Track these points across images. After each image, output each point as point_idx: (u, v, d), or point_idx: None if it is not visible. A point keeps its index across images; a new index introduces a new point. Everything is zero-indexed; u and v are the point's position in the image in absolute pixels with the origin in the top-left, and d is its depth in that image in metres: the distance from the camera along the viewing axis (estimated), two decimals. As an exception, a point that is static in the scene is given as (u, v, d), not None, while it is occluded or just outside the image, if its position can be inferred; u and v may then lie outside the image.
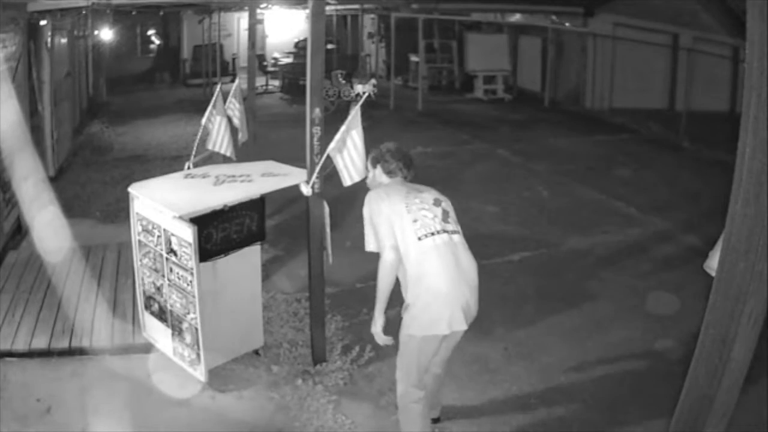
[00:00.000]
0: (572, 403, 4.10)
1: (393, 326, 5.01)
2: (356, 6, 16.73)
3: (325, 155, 4.02)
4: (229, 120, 5.39)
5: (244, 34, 13.44)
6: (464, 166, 9.68)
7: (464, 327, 3.23)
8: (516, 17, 17.01)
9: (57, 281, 5.23)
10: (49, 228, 5.97)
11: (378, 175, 3.57)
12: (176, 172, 4.83)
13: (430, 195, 3.40)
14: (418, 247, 3.18)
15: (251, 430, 3.82)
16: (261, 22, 17.58)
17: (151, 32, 19.96)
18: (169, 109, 14.28)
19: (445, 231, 3.25)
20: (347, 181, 4.03)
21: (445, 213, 3.35)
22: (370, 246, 3.38)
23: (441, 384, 3.72)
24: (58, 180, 8.47)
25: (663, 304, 5.28)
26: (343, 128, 3.93)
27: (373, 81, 12.04)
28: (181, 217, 3.93)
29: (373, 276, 5.79)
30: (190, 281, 3.98)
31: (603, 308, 5.36)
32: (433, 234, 3.21)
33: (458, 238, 3.30)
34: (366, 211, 3.37)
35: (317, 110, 4.10)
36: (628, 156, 10.40)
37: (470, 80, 16.13)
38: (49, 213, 6.22)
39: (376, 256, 6.33)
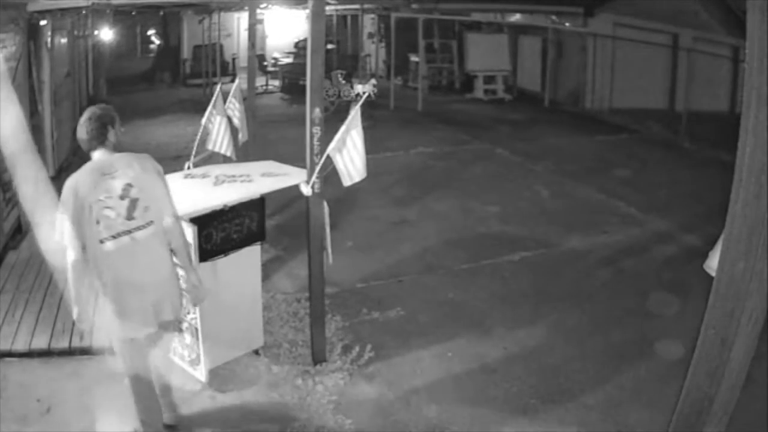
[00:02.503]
0: (572, 403, 4.10)
1: (390, 325, 5.02)
2: (356, 6, 16.70)
3: (325, 155, 4.02)
4: (229, 120, 5.39)
5: (244, 34, 13.44)
6: (464, 166, 9.68)
7: (153, 329, 3.19)
8: (516, 17, 17.00)
9: (57, 281, 5.22)
10: (49, 228, 5.96)
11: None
12: (176, 172, 4.83)
13: (120, 182, 3.08)
14: (102, 251, 3.04)
15: (251, 430, 3.82)
16: (261, 22, 17.55)
17: (151, 32, 19.96)
18: (169, 109, 14.28)
19: (128, 231, 3.07)
20: (347, 181, 4.03)
21: (133, 204, 3.08)
22: (56, 236, 3.10)
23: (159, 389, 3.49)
24: (58, 180, 8.43)
25: (663, 304, 5.28)
26: (343, 128, 3.93)
27: (373, 81, 11.99)
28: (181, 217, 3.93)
29: (373, 276, 5.85)
30: (190, 281, 3.98)
31: (603, 308, 5.36)
32: (114, 237, 3.05)
33: (144, 234, 3.11)
34: (62, 197, 3.09)
35: (317, 110, 4.09)
36: (628, 156, 10.40)
37: (470, 80, 16.11)
38: (49, 213, 6.21)
39: (376, 257, 6.32)
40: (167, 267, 3.23)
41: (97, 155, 3.17)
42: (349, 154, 3.95)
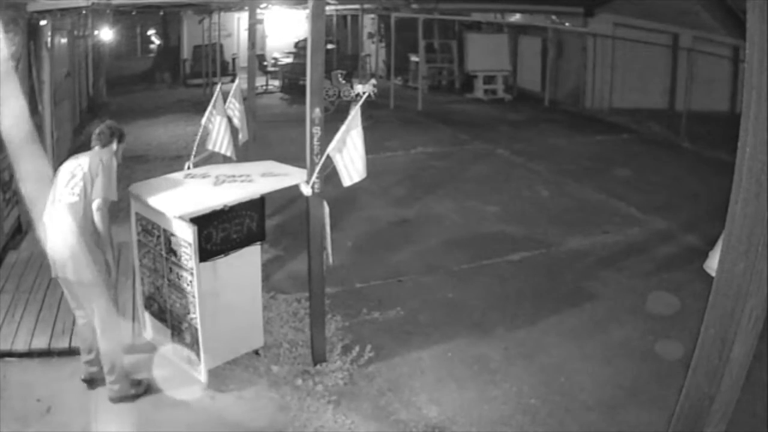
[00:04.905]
0: (572, 403, 4.10)
1: (390, 325, 5.02)
2: (356, 6, 16.71)
3: (325, 155, 4.02)
4: (229, 120, 5.39)
5: (244, 34, 13.44)
6: (464, 166, 9.68)
7: (62, 275, 3.79)
8: (516, 17, 17.01)
9: (57, 281, 5.22)
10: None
11: None
12: (176, 172, 4.83)
13: (77, 162, 3.89)
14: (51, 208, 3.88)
15: (251, 430, 3.82)
16: (261, 22, 17.53)
17: (151, 32, 19.95)
18: (169, 109, 14.28)
19: (63, 195, 3.82)
20: (347, 181, 4.03)
21: (72, 178, 3.83)
22: None
23: (96, 336, 3.97)
24: (58, 180, 8.45)
25: (663, 304, 5.29)
26: (343, 128, 3.93)
27: (373, 81, 11.99)
28: (181, 217, 3.93)
29: (373, 276, 5.85)
30: (190, 281, 3.98)
31: (603, 308, 5.36)
32: (60, 200, 3.82)
33: (67, 200, 3.77)
34: None
35: (317, 110, 4.10)
36: (628, 156, 10.40)
37: (470, 80, 16.12)
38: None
39: (376, 257, 6.35)
40: (74, 235, 3.72)
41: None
42: (349, 154, 3.95)
